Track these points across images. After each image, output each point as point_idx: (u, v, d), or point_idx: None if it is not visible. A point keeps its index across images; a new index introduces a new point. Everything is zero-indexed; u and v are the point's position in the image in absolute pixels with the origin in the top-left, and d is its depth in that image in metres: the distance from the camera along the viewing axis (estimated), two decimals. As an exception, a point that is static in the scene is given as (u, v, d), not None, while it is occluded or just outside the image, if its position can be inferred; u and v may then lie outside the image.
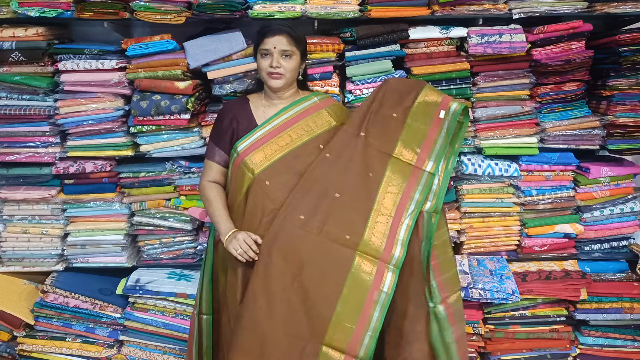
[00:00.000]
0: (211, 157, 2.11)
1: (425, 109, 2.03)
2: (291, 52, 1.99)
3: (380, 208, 1.89)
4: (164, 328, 2.60)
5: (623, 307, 2.63)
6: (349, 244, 1.85)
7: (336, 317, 1.79)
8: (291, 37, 1.98)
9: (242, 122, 2.07)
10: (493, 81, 2.58)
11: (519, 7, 2.48)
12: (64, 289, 2.58)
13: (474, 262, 2.68)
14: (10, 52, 2.42)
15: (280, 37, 1.97)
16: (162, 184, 2.62)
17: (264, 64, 1.99)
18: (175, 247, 2.68)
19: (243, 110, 2.10)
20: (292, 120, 2.07)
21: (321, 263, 1.83)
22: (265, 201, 1.95)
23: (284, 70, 1.98)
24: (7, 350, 2.63)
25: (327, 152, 1.99)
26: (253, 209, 1.97)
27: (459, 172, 2.64)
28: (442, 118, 2.02)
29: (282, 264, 1.84)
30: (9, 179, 2.59)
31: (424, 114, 2.02)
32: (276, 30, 1.97)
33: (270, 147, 2.01)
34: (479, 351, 2.71)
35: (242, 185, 2.00)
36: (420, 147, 1.99)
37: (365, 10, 2.46)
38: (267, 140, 2.02)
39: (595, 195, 2.68)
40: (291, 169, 1.98)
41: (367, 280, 1.82)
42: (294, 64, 2.01)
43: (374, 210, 1.89)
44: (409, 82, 2.32)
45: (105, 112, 2.48)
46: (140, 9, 2.38)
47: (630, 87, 2.57)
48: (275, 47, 1.96)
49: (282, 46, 1.97)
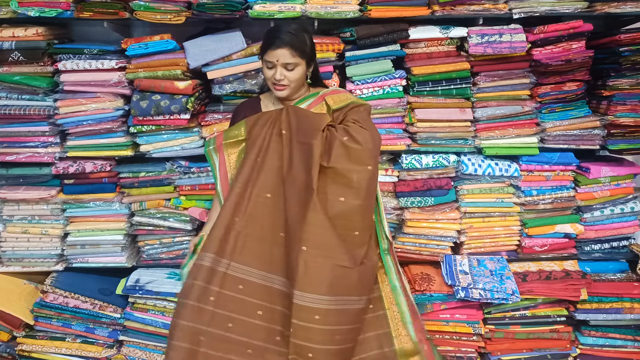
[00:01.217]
0: None
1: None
2: (295, 64, 1.94)
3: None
4: (163, 328, 2.60)
5: (623, 307, 2.63)
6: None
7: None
8: (294, 49, 1.92)
9: None
10: (493, 81, 2.58)
11: (519, 7, 2.48)
12: (63, 289, 2.58)
13: (474, 262, 2.68)
14: (10, 52, 2.42)
15: (283, 50, 1.91)
16: (162, 184, 2.62)
17: (269, 74, 1.97)
18: (175, 247, 2.68)
19: (254, 110, 2.10)
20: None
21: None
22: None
23: (288, 81, 1.96)
24: (7, 350, 2.63)
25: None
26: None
27: (459, 172, 2.64)
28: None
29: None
30: (8, 179, 2.59)
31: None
32: (279, 43, 1.91)
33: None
34: (479, 351, 2.70)
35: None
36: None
37: (365, 10, 2.46)
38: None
39: (595, 195, 2.68)
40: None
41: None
42: (299, 74, 1.97)
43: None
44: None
45: (105, 112, 2.48)
46: (140, 9, 2.38)
47: (631, 87, 2.57)
48: (278, 60, 1.92)
49: (285, 59, 1.92)
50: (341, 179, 1.82)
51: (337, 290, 1.78)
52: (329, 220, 1.80)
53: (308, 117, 1.95)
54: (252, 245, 1.90)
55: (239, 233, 1.89)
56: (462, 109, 2.59)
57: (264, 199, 1.90)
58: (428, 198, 2.63)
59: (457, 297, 2.54)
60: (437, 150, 2.61)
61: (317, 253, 1.78)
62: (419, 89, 2.57)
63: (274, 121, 1.96)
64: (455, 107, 2.60)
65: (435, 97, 2.60)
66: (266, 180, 1.91)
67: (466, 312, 2.63)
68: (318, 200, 1.79)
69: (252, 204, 1.91)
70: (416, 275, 2.66)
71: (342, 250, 1.80)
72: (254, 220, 1.90)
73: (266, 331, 1.87)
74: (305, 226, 1.79)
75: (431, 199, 2.63)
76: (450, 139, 2.61)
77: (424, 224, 2.67)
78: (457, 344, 2.67)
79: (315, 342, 1.77)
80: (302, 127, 1.90)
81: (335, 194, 1.82)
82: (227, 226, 1.89)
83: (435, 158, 2.60)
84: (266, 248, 1.90)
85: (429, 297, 2.59)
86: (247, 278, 1.88)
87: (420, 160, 2.60)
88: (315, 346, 1.77)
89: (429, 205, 2.64)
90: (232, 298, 1.87)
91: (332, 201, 1.82)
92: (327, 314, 1.76)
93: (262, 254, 1.90)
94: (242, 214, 1.90)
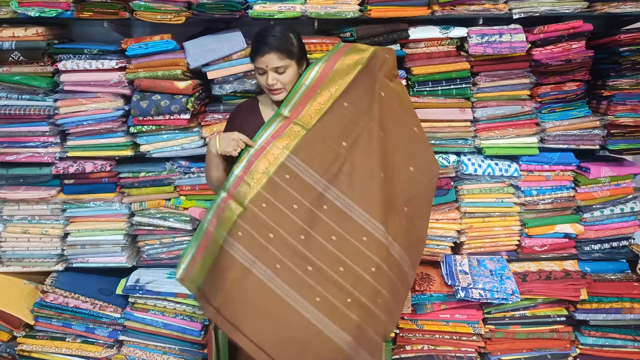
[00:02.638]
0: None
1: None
2: (285, 66, 1.94)
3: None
4: (163, 328, 2.60)
5: (623, 307, 2.63)
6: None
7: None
8: (281, 52, 1.92)
9: (252, 122, 2.05)
10: (493, 81, 2.58)
11: (519, 7, 2.47)
12: (63, 289, 2.58)
13: (474, 262, 2.68)
14: (10, 52, 2.42)
15: (270, 55, 1.91)
16: (162, 184, 2.62)
17: (262, 81, 1.98)
18: (175, 247, 2.68)
19: (252, 111, 2.09)
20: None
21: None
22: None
23: (282, 84, 1.96)
24: (7, 350, 2.63)
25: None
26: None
27: (459, 172, 2.64)
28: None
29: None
30: (8, 179, 2.59)
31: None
32: (265, 48, 1.91)
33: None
34: (479, 351, 2.71)
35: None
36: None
37: (365, 10, 2.45)
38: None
39: (595, 195, 2.68)
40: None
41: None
42: (290, 76, 1.97)
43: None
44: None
45: (105, 112, 2.48)
46: (140, 9, 2.38)
47: (631, 87, 2.57)
48: (267, 65, 1.93)
49: (273, 64, 1.92)
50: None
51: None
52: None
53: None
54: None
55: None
56: (462, 109, 2.59)
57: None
58: (428, 198, 2.63)
59: (457, 297, 2.54)
60: (437, 150, 2.61)
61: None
62: (419, 89, 2.57)
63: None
64: (455, 107, 2.59)
65: (435, 97, 2.60)
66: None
67: (466, 312, 2.63)
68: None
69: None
70: (416, 275, 2.66)
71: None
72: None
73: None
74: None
75: (431, 199, 2.63)
76: (450, 139, 2.61)
77: (424, 224, 2.67)
78: (457, 344, 2.67)
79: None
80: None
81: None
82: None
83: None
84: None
85: (429, 297, 2.59)
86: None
87: (420, 160, 2.60)
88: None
89: (429, 205, 2.64)
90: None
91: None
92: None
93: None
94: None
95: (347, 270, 1.83)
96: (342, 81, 1.96)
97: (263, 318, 1.81)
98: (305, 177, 1.88)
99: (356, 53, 2.01)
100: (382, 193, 1.88)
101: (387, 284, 1.87)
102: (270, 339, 1.80)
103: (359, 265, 1.83)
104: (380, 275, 1.84)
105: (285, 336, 1.80)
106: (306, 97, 1.97)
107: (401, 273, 1.94)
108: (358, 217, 1.86)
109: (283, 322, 1.80)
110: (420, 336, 2.66)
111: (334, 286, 1.82)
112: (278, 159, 1.89)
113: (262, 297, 1.81)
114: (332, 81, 1.97)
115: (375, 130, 1.91)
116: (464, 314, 2.63)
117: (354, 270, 1.82)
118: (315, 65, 2.00)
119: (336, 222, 1.85)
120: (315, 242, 1.84)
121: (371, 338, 1.86)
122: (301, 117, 1.95)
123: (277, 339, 1.80)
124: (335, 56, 2.02)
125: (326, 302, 1.81)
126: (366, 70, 1.97)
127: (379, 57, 2.00)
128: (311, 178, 1.88)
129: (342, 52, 2.03)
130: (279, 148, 1.90)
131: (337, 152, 1.90)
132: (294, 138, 1.92)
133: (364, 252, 1.84)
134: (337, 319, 1.80)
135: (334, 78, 1.97)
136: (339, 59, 2.01)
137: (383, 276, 1.85)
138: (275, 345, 1.80)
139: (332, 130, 1.92)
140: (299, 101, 1.97)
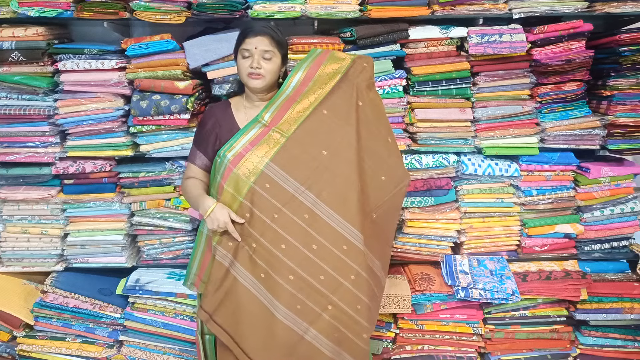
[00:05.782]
0: (193, 161, 2.08)
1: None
2: (272, 54, 1.95)
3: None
4: (163, 328, 2.60)
5: (623, 307, 2.63)
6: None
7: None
8: (273, 38, 1.94)
9: (225, 125, 2.04)
10: (493, 81, 2.58)
11: (519, 7, 2.48)
12: (63, 289, 2.57)
13: (474, 262, 2.68)
14: (10, 52, 2.42)
15: (262, 37, 1.92)
16: (161, 184, 2.62)
17: (244, 65, 1.96)
18: (175, 247, 2.68)
19: (225, 114, 2.07)
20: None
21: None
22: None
23: (264, 71, 1.95)
24: (7, 350, 2.63)
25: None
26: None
27: (459, 172, 2.64)
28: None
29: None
30: (8, 179, 2.59)
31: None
32: (258, 31, 1.93)
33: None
34: (479, 351, 2.71)
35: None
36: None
37: (365, 10, 2.46)
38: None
39: (595, 195, 2.68)
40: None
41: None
42: (275, 66, 1.97)
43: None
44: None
45: (105, 112, 2.48)
46: (140, 9, 2.38)
47: (631, 87, 2.57)
48: (257, 47, 1.92)
49: (263, 46, 1.93)
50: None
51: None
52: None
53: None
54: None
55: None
56: (462, 109, 2.59)
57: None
58: (428, 198, 2.63)
59: (457, 297, 2.54)
60: (437, 150, 2.62)
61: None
62: (419, 89, 2.57)
63: None
64: (455, 107, 2.60)
65: (435, 97, 2.60)
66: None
67: (466, 312, 2.63)
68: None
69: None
70: (416, 275, 2.66)
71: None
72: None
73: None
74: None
75: (431, 199, 2.63)
76: (450, 139, 2.61)
77: (424, 224, 2.67)
78: (457, 344, 2.67)
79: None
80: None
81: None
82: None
83: (435, 158, 2.61)
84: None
85: (429, 297, 2.59)
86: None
87: (420, 160, 2.60)
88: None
89: (429, 205, 2.64)
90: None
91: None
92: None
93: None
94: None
95: (327, 278, 1.90)
96: (321, 90, 1.97)
97: (249, 324, 1.91)
98: (286, 186, 1.89)
99: (335, 62, 2.02)
100: (359, 202, 1.92)
101: (366, 290, 1.93)
102: (255, 344, 1.91)
103: (339, 274, 1.91)
104: (359, 282, 1.91)
105: (268, 342, 1.91)
106: (287, 105, 1.97)
107: (376, 278, 2.02)
108: (338, 225, 1.90)
109: (266, 329, 1.90)
110: (420, 336, 2.66)
111: (316, 293, 1.90)
112: (258, 167, 1.89)
113: (249, 304, 1.91)
114: (311, 90, 1.98)
115: (353, 139, 1.93)
116: (464, 314, 2.63)
117: (335, 278, 1.90)
118: (296, 73, 2.01)
119: (317, 230, 1.89)
120: (296, 251, 1.89)
121: (353, 343, 1.94)
122: (281, 124, 1.94)
123: (261, 345, 1.91)
124: (315, 64, 2.02)
125: (307, 309, 1.89)
126: (345, 79, 1.98)
127: (358, 66, 2.00)
128: (291, 187, 1.89)
129: (322, 61, 2.03)
130: (258, 156, 1.90)
131: (318, 161, 1.91)
132: (273, 146, 1.92)
133: (345, 260, 1.90)
134: (317, 325, 1.90)
135: (314, 87, 1.98)
136: (319, 67, 2.01)
137: (362, 283, 1.92)
138: (260, 349, 1.91)
139: (312, 138, 1.93)
140: (279, 108, 1.98)
